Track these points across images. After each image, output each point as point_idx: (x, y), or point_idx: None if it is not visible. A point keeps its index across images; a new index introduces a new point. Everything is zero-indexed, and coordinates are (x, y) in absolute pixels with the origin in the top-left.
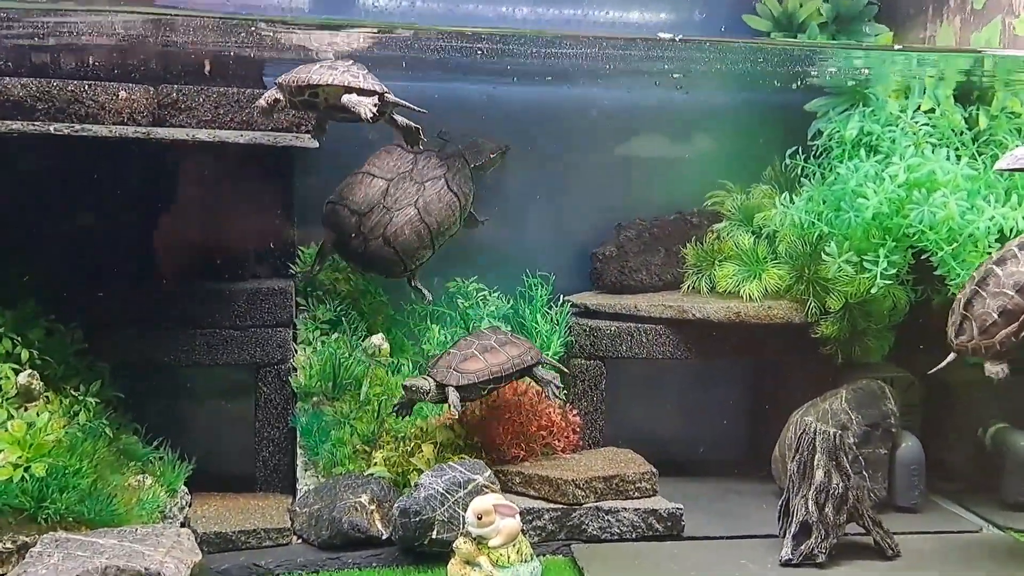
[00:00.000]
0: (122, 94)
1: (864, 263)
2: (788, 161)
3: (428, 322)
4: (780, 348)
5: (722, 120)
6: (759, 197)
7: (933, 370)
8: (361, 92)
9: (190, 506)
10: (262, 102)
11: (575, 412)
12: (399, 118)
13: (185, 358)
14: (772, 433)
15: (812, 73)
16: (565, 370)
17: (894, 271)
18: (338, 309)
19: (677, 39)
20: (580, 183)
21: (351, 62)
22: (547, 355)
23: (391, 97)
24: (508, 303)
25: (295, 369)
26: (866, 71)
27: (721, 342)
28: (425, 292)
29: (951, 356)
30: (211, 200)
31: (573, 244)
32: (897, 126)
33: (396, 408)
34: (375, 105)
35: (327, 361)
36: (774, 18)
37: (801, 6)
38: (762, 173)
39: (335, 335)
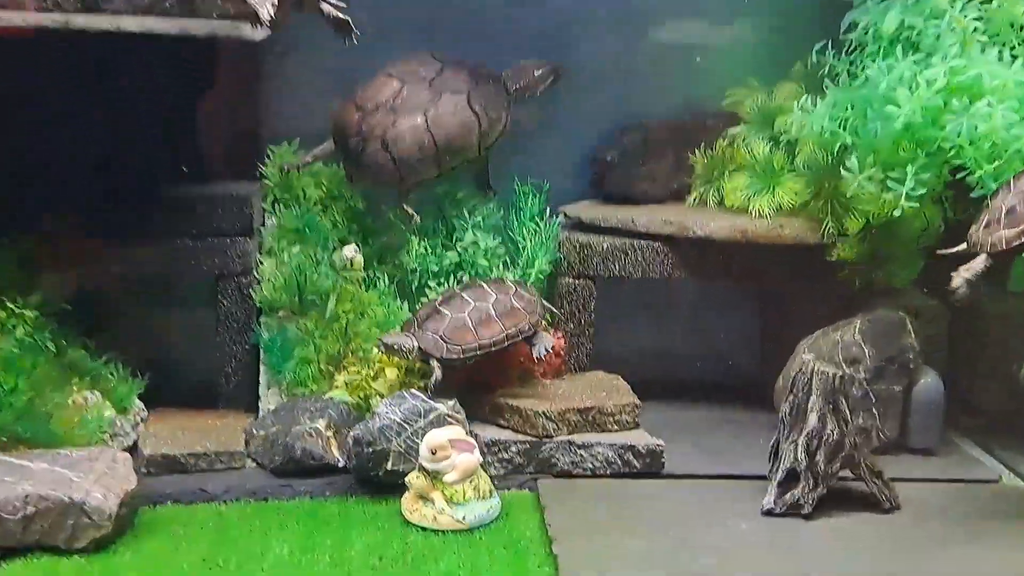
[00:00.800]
0: None
1: (889, 180)
2: (814, 57)
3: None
4: (791, 271)
5: (751, 5)
6: (783, 97)
7: (941, 251)
8: None
9: (144, 423)
10: None
11: (560, 335)
12: (324, 5)
13: (139, 268)
14: (777, 362)
15: None
16: (557, 312)
17: (923, 191)
18: (306, 217)
19: None
20: (580, 76)
21: None
22: (532, 272)
23: None
24: (499, 212)
25: (259, 281)
26: None
27: (725, 263)
28: (412, 213)
29: (961, 246)
30: (162, 95)
31: (573, 147)
32: (944, 19)
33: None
34: (274, 2)
35: (292, 273)
36: None
37: None
38: (791, 69)
39: (301, 245)
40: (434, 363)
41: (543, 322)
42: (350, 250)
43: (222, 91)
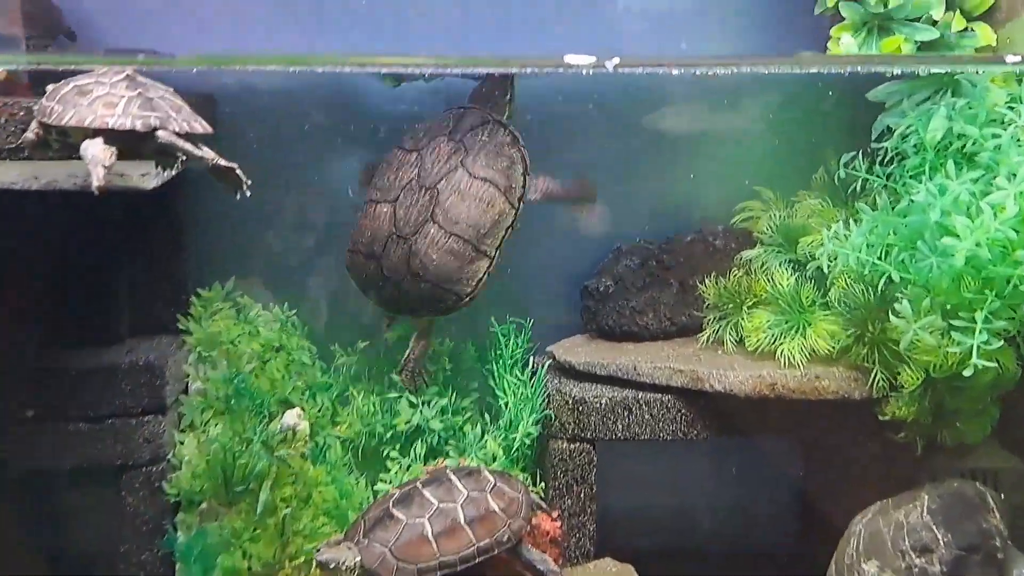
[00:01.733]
0: None
1: (953, 329)
2: (841, 171)
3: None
4: (833, 429)
5: (758, 105)
6: (805, 214)
7: None
8: (115, 134)
9: None
10: (30, 134)
11: (555, 516)
12: (204, 152)
13: (22, 461)
14: (825, 537)
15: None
16: (548, 509)
17: (999, 343)
18: (236, 379)
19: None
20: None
21: (124, 75)
22: (516, 439)
23: (167, 136)
24: (474, 353)
25: (176, 468)
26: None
27: (751, 420)
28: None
29: None
30: (41, 244)
31: (560, 274)
32: (1004, 126)
33: None
34: (107, 166)
35: (215, 455)
36: None
37: None
38: (811, 178)
39: (230, 416)
40: None
41: (532, 516)
42: (292, 417)
43: (125, 231)
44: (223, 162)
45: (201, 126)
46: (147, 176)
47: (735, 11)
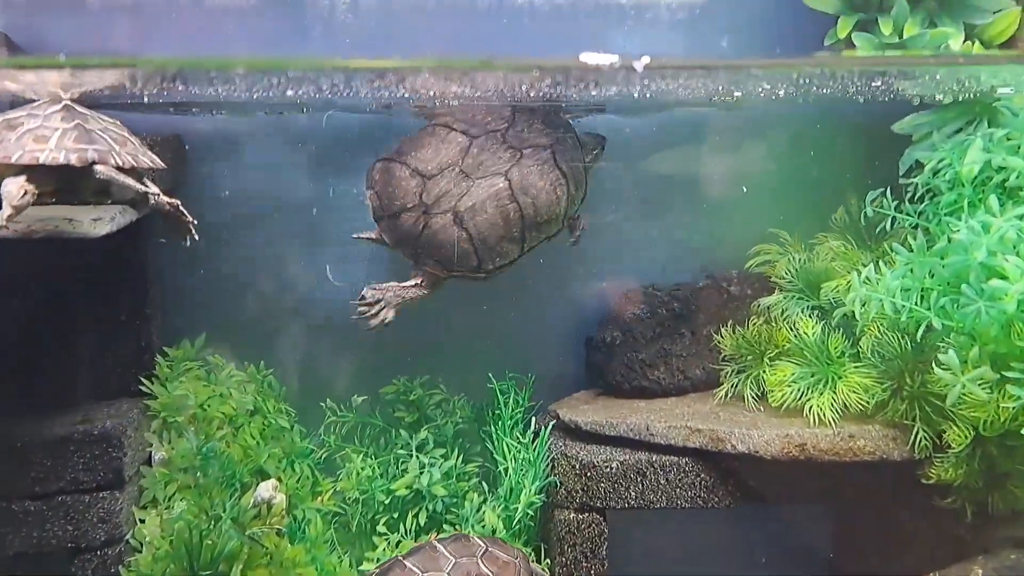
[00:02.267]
0: None
1: (1007, 382)
2: (868, 209)
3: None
4: (871, 495)
5: (772, 141)
6: (827, 257)
7: None
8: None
9: None
10: None
11: None
12: (156, 198)
13: None
14: None
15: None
16: None
17: None
18: (205, 448)
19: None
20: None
21: (60, 105)
22: (519, 509)
23: (108, 171)
24: (471, 410)
25: (136, 550)
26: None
27: (778, 485)
28: None
29: None
30: None
31: (563, 325)
32: None
33: None
34: (17, 205)
35: (179, 535)
36: None
37: None
38: (831, 217)
39: (198, 490)
40: None
41: None
42: (267, 489)
43: (82, 284)
44: (166, 200)
45: (149, 160)
46: (99, 222)
47: (747, 49)
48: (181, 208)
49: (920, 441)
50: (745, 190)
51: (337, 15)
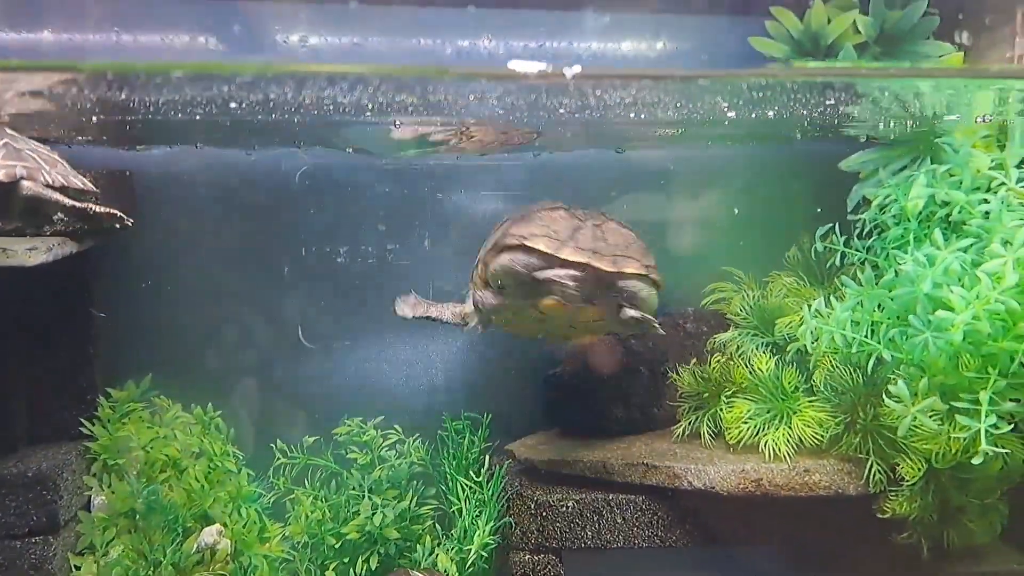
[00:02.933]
0: None
1: (955, 412)
2: (818, 245)
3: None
4: (829, 530)
5: (724, 181)
6: (780, 294)
7: None
8: None
9: None
10: None
11: None
12: (78, 204)
13: None
14: None
15: (850, 120)
16: None
17: (1008, 427)
18: (147, 491)
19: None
20: None
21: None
22: (472, 551)
23: (35, 188)
24: (425, 451)
25: None
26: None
27: (735, 523)
28: None
29: None
30: None
31: (520, 363)
32: (993, 191)
33: None
34: None
35: None
36: (792, 39)
37: (830, 21)
38: (784, 256)
39: (138, 535)
40: None
41: None
42: (211, 534)
43: (20, 322)
44: (100, 208)
45: (80, 182)
46: (34, 251)
47: None
48: (118, 213)
49: (874, 475)
50: (729, 216)
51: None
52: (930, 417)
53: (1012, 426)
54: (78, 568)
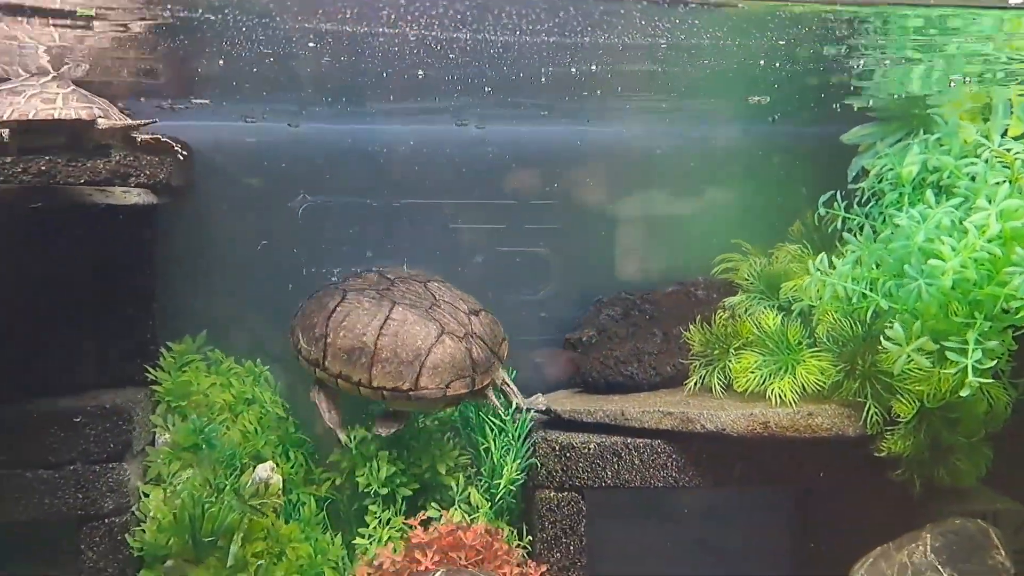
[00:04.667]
0: None
1: (946, 351)
2: (823, 211)
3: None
4: (829, 470)
5: (732, 159)
6: (785, 260)
7: None
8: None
9: None
10: None
11: (543, 570)
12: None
13: None
14: None
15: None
16: None
17: (991, 363)
18: (206, 429)
19: None
20: (550, 247)
21: (49, 76)
22: (500, 485)
23: (107, 123)
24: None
25: (140, 520)
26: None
27: (745, 462)
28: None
29: None
30: (10, 281)
31: (543, 326)
32: (979, 157)
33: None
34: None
35: (183, 507)
36: None
37: None
38: (788, 229)
39: (199, 468)
40: None
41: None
42: (265, 469)
43: (95, 281)
44: (162, 138)
45: (131, 120)
46: (128, 194)
47: None
48: (164, 138)
49: (872, 417)
50: (736, 193)
51: None
52: (923, 357)
53: (994, 365)
54: (147, 495)
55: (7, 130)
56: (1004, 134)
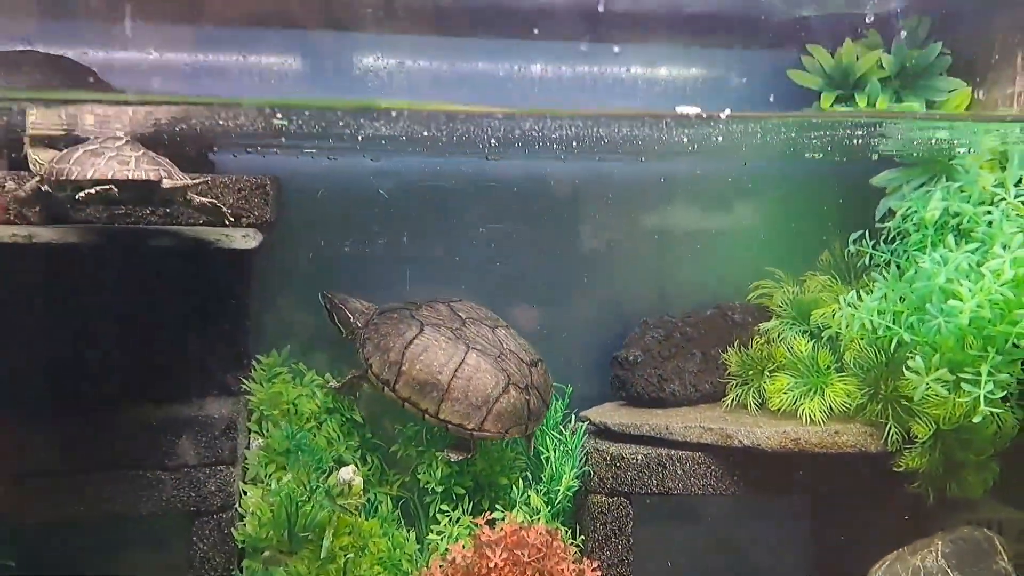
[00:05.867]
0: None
1: (961, 382)
2: (852, 248)
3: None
4: (853, 482)
5: (767, 194)
6: (816, 289)
7: None
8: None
9: None
10: (21, 191)
11: (595, 566)
12: (195, 197)
13: (100, 510)
14: None
15: (881, 145)
16: None
17: (1001, 393)
18: (298, 436)
19: (703, 115)
20: (598, 271)
21: (124, 139)
22: (559, 489)
23: (171, 183)
24: None
25: (241, 517)
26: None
27: (776, 474)
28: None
29: None
30: (131, 307)
31: (592, 345)
32: (996, 205)
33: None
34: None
35: (280, 505)
36: (825, 73)
37: (858, 58)
38: (818, 259)
39: (292, 471)
40: None
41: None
42: (348, 472)
43: (199, 294)
44: (205, 200)
45: (188, 178)
46: (246, 238)
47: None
48: (216, 204)
49: (892, 436)
50: (771, 224)
51: None
52: (941, 386)
53: (1005, 394)
54: (246, 493)
55: (95, 189)
56: (1019, 182)
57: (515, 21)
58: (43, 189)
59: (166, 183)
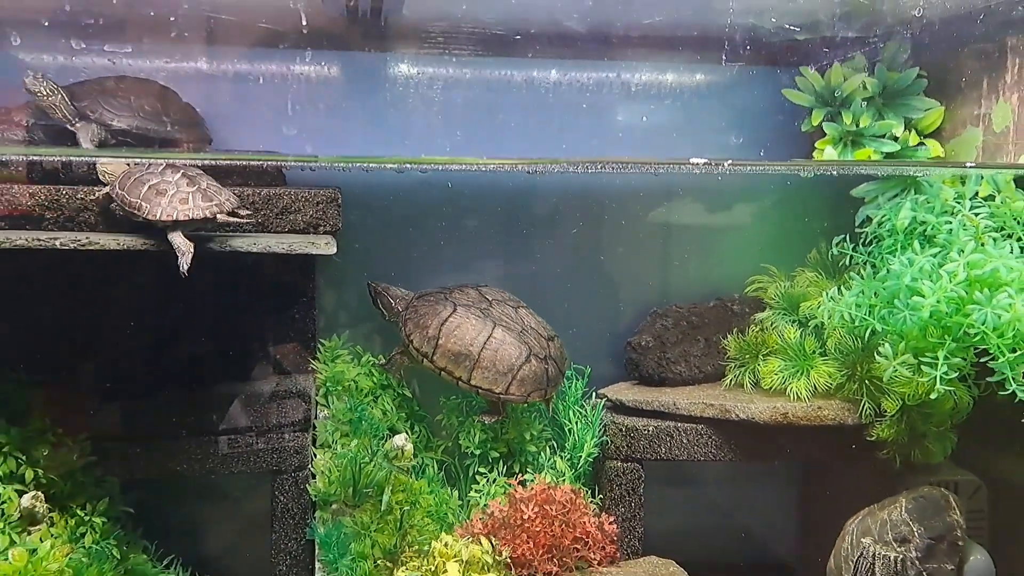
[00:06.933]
0: None
1: (922, 365)
2: (835, 249)
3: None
4: (832, 450)
5: (762, 199)
6: (804, 284)
7: None
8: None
9: None
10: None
11: (612, 520)
12: (239, 221)
13: (199, 467)
14: (824, 541)
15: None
16: None
17: (955, 374)
18: (359, 408)
19: (710, 163)
20: (615, 268)
21: (182, 170)
22: (581, 456)
23: (224, 218)
24: None
25: (314, 476)
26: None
27: (768, 443)
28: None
29: None
30: (223, 299)
31: (609, 332)
32: (954, 215)
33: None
34: (192, 253)
35: (347, 466)
36: (816, 92)
37: (845, 79)
38: (806, 257)
39: (355, 437)
40: None
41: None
42: (401, 439)
43: (280, 290)
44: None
45: (230, 203)
46: (329, 244)
47: (739, 130)
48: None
49: (866, 410)
50: (767, 226)
51: None
52: (906, 368)
53: (961, 374)
54: (316, 456)
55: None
56: (974, 197)
57: None
58: (111, 205)
59: (220, 218)
